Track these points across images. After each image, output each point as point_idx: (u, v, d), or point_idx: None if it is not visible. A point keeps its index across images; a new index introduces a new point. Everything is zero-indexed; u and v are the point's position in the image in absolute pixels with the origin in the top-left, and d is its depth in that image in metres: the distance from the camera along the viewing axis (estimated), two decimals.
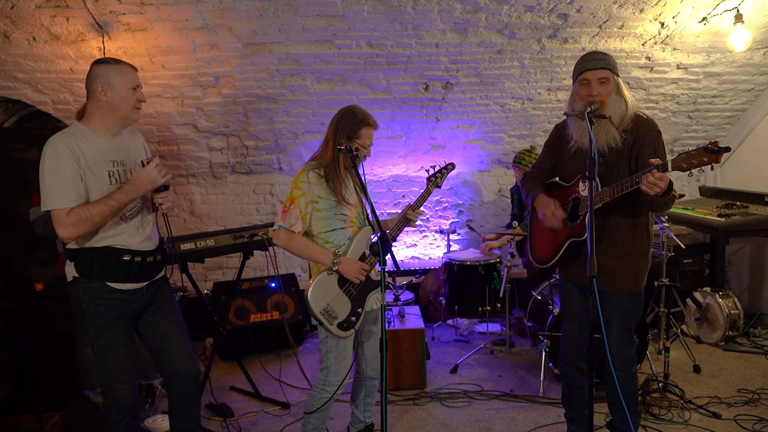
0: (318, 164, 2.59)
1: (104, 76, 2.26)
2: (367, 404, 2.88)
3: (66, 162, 2.18)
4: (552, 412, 3.36)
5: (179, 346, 2.51)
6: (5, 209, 3.41)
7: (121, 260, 2.30)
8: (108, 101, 2.27)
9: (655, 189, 2.24)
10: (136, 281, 2.37)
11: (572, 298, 2.77)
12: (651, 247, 2.64)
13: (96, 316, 2.31)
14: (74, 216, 2.16)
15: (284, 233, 2.53)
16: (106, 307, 2.31)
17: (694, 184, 5.68)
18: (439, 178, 2.86)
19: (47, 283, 3.43)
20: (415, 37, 3.88)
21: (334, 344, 2.59)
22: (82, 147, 2.22)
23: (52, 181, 2.17)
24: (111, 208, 2.20)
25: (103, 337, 2.32)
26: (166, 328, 2.49)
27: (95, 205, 2.19)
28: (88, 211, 2.17)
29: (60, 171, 2.17)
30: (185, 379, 2.54)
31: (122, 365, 2.36)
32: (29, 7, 3.29)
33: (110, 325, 2.32)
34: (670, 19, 3.94)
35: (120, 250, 2.30)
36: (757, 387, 3.55)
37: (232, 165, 5.01)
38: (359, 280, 2.57)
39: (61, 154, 2.18)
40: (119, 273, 2.31)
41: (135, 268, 2.34)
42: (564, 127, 2.72)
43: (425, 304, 4.98)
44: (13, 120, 4.59)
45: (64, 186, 2.17)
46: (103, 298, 2.30)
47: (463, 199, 5.53)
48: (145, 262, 2.37)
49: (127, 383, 2.37)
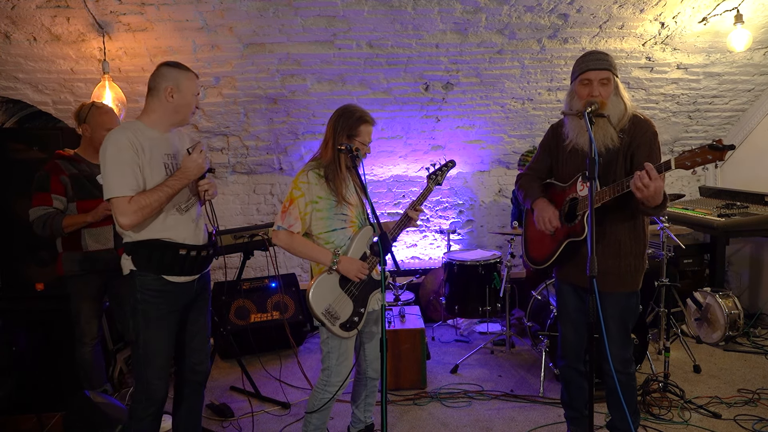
0: (318, 164, 2.59)
1: (174, 78, 2.34)
2: (367, 404, 2.88)
3: (126, 152, 2.25)
4: (552, 412, 3.36)
5: (202, 344, 2.60)
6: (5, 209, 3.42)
7: (177, 254, 2.36)
8: (173, 103, 2.36)
9: (643, 192, 2.21)
10: (189, 274, 2.43)
11: (568, 300, 2.76)
12: (647, 247, 2.64)
13: (150, 307, 2.35)
14: (134, 204, 2.23)
15: (284, 233, 2.53)
16: (161, 300, 2.36)
17: (694, 184, 5.69)
18: (439, 175, 2.86)
19: (47, 283, 3.43)
20: (416, 38, 3.88)
21: (336, 345, 2.59)
22: (141, 140, 2.30)
23: (113, 171, 2.24)
24: (166, 195, 2.29)
25: (150, 329, 2.36)
26: (197, 325, 2.57)
27: (152, 192, 2.27)
28: (147, 199, 2.25)
29: (121, 161, 2.24)
30: (197, 374, 2.62)
31: (163, 358, 2.41)
32: (30, 7, 3.29)
33: (161, 318, 2.37)
34: (671, 20, 3.95)
35: (177, 244, 2.37)
36: (757, 387, 3.55)
37: (233, 165, 5.01)
38: (360, 279, 2.57)
39: (121, 145, 2.25)
40: (175, 266, 2.37)
41: (190, 261, 2.40)
42: (560, 127, 2.71)
43: (425, 304, 4.98)
44: (14, 120, 4.60)
45: (124, 175, 2.24)
46: (160, 290, 2.36)
47: (463, 199, 5.53)
48: (200, 256, 2.44)
49: (164, 378, 2.41)
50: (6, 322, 3.39)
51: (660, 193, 2.25)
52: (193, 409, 2.68)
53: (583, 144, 2.54)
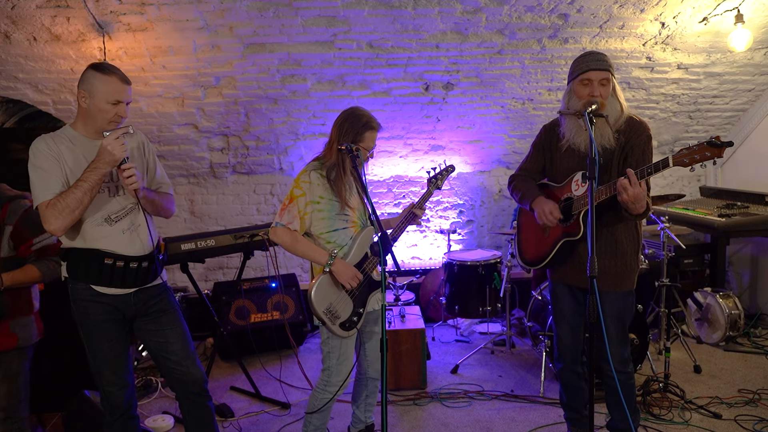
0: (321, 165, 2.59)
1: (88, 82, 2.23)
2: (368, 404, 2.88)
3: (44, 158, 2.20)
4: (552, 412, 3.36)
5: (180, 354, 2.47)
6: None
7: (103, 264, 2.27)
8: (86, 108, 2.26)
9: (623, 194, 2.27)
10: (121, 287, 2.33)
11: (563, 301, 2.76)
12: (641, 246, 2.66)
13: (84, 317, 2.31)
14: (52, 208, 2.15)
15: (281, 230, 2.52)
16: (94, 309, 2.30)
17: (694, 184, 5.68)
18: (439, 179, 2.87)
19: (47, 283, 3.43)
20: (416, 38, 3.88)
21: (337, 345, 2.59)
22: (62, 150, 2.24)
23: (33, 179, 2.21)
24: (82, 190, 2.16)
25: (91, 339, 2.32)
26: (164, 336, 2.45)
27: (69, 192, 2.17)
28: (65, 200, 2.15)
29: (39, 167, 2.19)
30: (189, 385, 2.51)
31: (112, 366, 2.35)
32: (30, 7, 3.29)
33: (98, 327, 2.31)
34: (671, 19, 3.94)
35: (104, 253, 2.28)
36: (758, 387, 3.55)
37: (233, 165, 5.01)
38: (350, 287, 2.55)
39: (39, 152, 2.20)
40: (102, 277, 2.29)
41: (118, 273, 2.30)
42: (554, 126, 2.71)
43: (426, 305, 4.98)
44: (14, 120, 4.60)
45: (44, 181, 2.19)
46: (90, 300, 2.30)
47: (463, 199, 5.53)
48: (129, 267, 2.31)
49: (117, 384, 2.36)
50: None
51: (641, 199, 2.29)
52: (200, 420, 2.58)
53: (580, 144, 2.54)
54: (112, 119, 2.26)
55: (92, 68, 2.25)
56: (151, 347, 2.48)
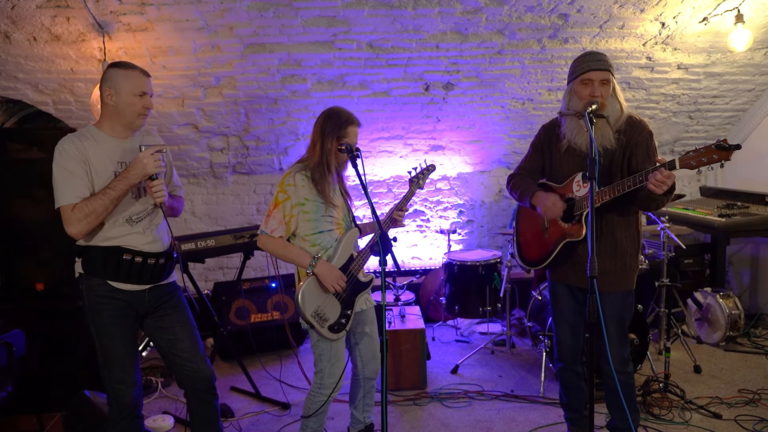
0: (305, 166, 2.59)
1: (112, 80, 2.30)
2: (366, 405, 2.88)
3: (71, 160, 2.22)
4: (553, 412, 3.36)
5: (190, 351, 2.50)
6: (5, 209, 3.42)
7: (121, 259, 2.31)
8: (114, 105, 2.31)
9: (662, 187, 2.25)
10: (137, 282, 2.37)
11: (563, 302, 2.75)
12: (641, 246, 2.65)
13: (97, 313, 2.32)
14: (78, 212, 2.19)
15: (265, 237, 2.56)
16: (108, 306, 2.33)
17: (694, 184, 5.68)
18: (421, 179, 2.83)
19: (47, 283, 3.43)
20: (416, 38, 3.88)
21: (327, 347, 2.60)
22: (88, 148, 2.27)
23: (58, 180, 2.23)
24: (110, 198, 2.22)
25: (103, 335, 2.34)
26: (174, 333, 2.49)
27: (95, 198, 2.22)
28: (90, 205, 2.20)
29: (66, 169, 2.22)
30: (198, 382, 2.53)
31: (122, 364, 2.36)
32: (30, 7, 3.29)
33: (111, 324, 2.34)
34: (671, 20, 3.94)
35: (123, 249, 2.32)
36: (758, 387, 3.55)
37: (233, 165, 5.01)
38: (335, 290, 2.54)
39: (66, 153, 2.23)
40: (120, 272, 2.32)
41: (136, 268, 2.34)
42: (553, 126, 2.71)
43: (426, 305, 4.98)
44: (14, 120, 4.60)
45: (69, 183, 2.22)
46: (105, 296, 2.32)
47: (463, 199, 5.53)
48: (146, 263, 2.36)
49: (126, 383, 2.37)
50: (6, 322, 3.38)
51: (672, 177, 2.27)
52: (207, 419, 2.59)
53: (581, 144, 2.54)
54: (140, 112, 2.34)
55: (113, 66, 2.33)
56: (161, 344, 2.50)
